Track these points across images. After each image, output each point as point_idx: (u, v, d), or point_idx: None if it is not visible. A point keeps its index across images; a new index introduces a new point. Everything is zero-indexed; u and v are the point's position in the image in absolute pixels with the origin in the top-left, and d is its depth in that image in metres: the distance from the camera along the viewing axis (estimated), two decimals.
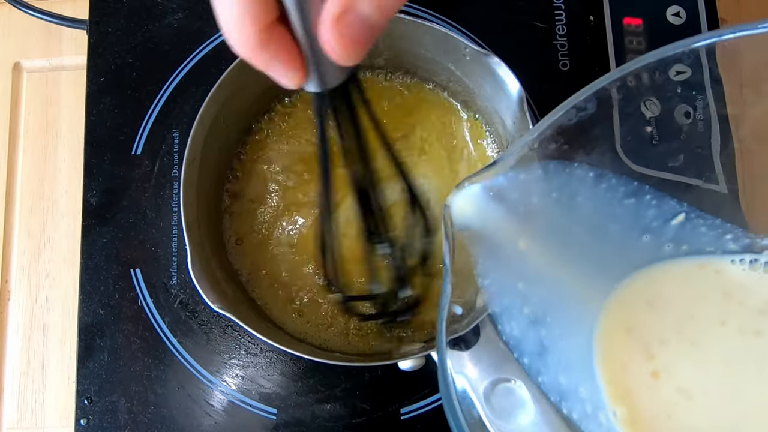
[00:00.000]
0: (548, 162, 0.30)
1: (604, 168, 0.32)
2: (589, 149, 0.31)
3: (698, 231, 0.34)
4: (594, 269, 0.34)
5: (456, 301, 0.29)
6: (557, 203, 0.32)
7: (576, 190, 0.32)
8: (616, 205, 0.32)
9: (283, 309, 0.48)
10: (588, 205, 0.32)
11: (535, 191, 0.31)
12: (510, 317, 0.31)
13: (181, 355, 0.48)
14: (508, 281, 0.31)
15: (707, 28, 0.51)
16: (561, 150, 0.30)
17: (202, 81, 0.52)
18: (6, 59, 0.58)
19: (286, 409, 0.47)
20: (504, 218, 0.31)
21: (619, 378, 0.32)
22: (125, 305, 0.49)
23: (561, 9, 0.53)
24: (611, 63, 0.51)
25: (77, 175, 0.52)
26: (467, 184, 0.30)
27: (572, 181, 0.31)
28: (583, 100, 0.29)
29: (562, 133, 0.30)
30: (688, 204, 0.33)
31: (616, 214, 0.33)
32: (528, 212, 0.31)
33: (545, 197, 0.31)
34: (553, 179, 0.31)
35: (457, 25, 0.53)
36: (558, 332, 0.32)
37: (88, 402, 0.48)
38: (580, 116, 0.30)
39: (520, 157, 0.30)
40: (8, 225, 0.55)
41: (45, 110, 0.57)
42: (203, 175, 0.44)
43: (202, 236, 0.44)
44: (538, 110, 0.51)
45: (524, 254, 0.31)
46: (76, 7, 0.56)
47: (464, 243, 0.30)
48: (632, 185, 0.32)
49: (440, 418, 0.47)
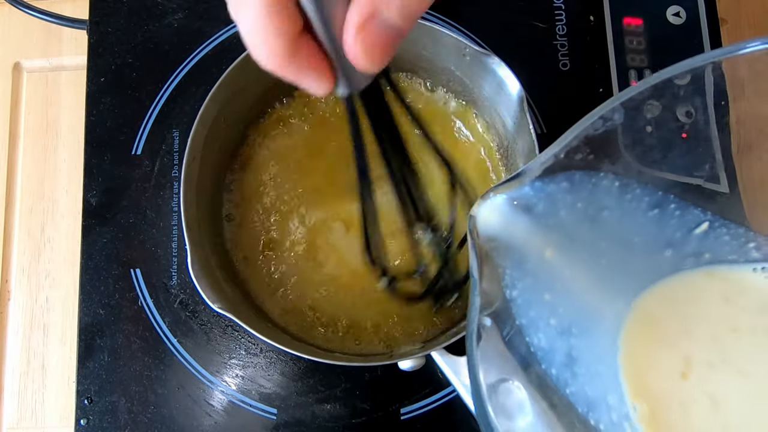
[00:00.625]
0: (574, 172, 0.30)
1: (630, 177, 0.31)
2: (615, 159, 0.31)
3: (721, 240, 0.34)
4: (620, 278, 0.34)
5: (485, 314, 0.29)
6: (583, 213, 0.32)
7: (601, 200, 0.32)
8: (640, 215, 0.32)
9: (283, 309, 0.48)
10: (613, 215, 0.32)
11: (561, 202, 0.31)
12: (537, 329, 0.31)
13: (181, 355, 0.48)
14: (535, 292, 0.31)
15: (707, 29, 0.52)
16: (587, 160, 0.30)
17: (202, 81, 0.52)
18: (6, 59, 0.58)
19: (286, 409, 0.47)
20: (530, 229, 0.30)
21: (643, 374, 0.32)
22: (125, 305, 0.49)
23: (561, 9, 0.53)
24: (611, 63, 0.51)
25: (77, 175, 0.52)
26: (492, 194, 0.30)
27: (598, 192, 0.31)
28: (610, 110, 0.29)
29: (588, 143, 0.29)
30: (712, 213, 0.33)
31: (641, 224, 0.33)
32: (554, 222, 0.31)
33: (571, 208, 0.31)
34: (579, 190, 0.31)
35: (457, 25, 0.53)
36: (584, 342, 0.32)
37: (88, 402, 0.48)
38: (607, 126, 0.29)
39: (546, 168, 0.29)
40: (8, 225, 0.55)
41: (45, 110, 0.57)
42: (203, 175, 0.44)
43: (202, 236, 0.44)
44: (539, 110, 0.51)
45: (550, 265, 0.31)
46: (76, 7, 0.56)
47: (491, 254, 0.30)
48: (656, 195, 0.32)
49: (440, 418, 0.47)
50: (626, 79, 0.51)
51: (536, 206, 0.30)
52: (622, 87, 0.51)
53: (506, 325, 0.30)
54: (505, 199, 0.30)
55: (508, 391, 0.29)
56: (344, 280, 0.48)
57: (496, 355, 0.29)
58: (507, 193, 0.30)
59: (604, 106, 0.29)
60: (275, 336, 0.42)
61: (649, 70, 0.51)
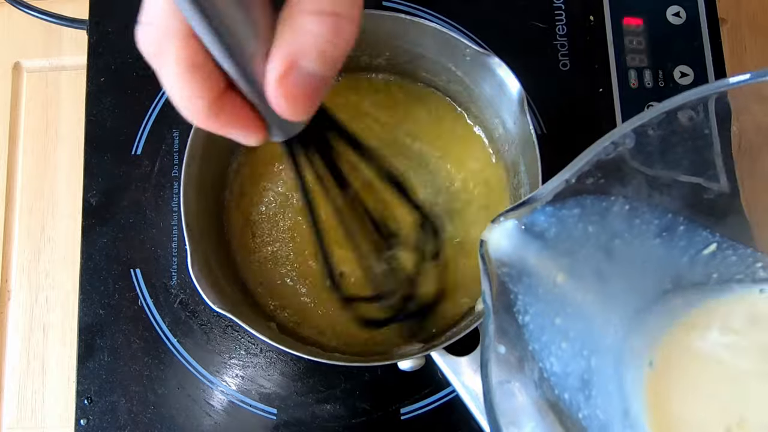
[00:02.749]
0: (585, 197, 0.30)
1: (640, 200, 0.32)
2: (626, 182, 0.31)
3: (728, 260, 0.34)
4: (629, 299, 0.34)
5: (499, 341, 0.28)
6: (594, 238, 0.32)
7: (612, 224, 0.32)
8: (650, 237, 0.33)
9: (284, 309, 0.48)
10: (623, 239, 0.32)
11: (572, 227, 0.31)
12: (549, 353, 0.31)
13: (181, 355, 0.48)
14: (546, 317, 0.31)
15: (707, 29, 0.52)
16: (598, 184, 0.30)
17: None
18: (6, 59, 0.58)
19: (286, 409, 0.47)
20: (541, 254, 0.30)
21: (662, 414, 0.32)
22: (125, 305, 0.49)
23: (561, 9, 0.53)
24: (611, 63, 0.51)
25: (77, 175, 0.52)
26: (503, 219, 0.30)
27: (608, 216, 0.31)
28: (621, 136, 0.29)
29: (600, 167, 0.29)
30: (720, 234, 0.33)
31: (650, 246, 0.33)
32: (565, 248, 0.31)
33: (582, 232, 0.31)
34: (590, 214, 0.31)
35: (457, 25, 0.53)
36: (595, 363, 0.32)
37: (88, 402, 0.48)
38: (618, 151, 0.29)
39: (557, 193, 0.29)
40: (8, 225, 0.55)
41: (45, 110, 0.57)
42: (203, 175, 0.44)
43: (202, 236, 0.44)
44: (539, 110, 0.51)
45: (561, 289, 0.31)
46: (76, 7, 0.56)
47: (503, 280, 0.30)
48: (666, 218, 0.32)
49: (440, 418, 0.47)
50: (626, 79, 0.51)
51: (548, 231, 0.30)
52: (622, 87, 0.51)
53: (519, 350, 0.30)
54: (516, 225, 0.30)
55: (523, 417, 0.29)
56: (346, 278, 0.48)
57: (511, 385, 0.29)
58: (518, 219, 0.30)
59: (616, 132, 0.29)
60: (275, 336, 0.42)
61: (649, 70, 0.51)
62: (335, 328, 0.47)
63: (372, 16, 0.44)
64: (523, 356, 0.30)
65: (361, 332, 0.47)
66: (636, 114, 0.49)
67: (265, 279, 0.48)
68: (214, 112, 0.24)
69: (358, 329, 0.46)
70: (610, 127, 0.50)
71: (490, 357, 0.28)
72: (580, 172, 0.29)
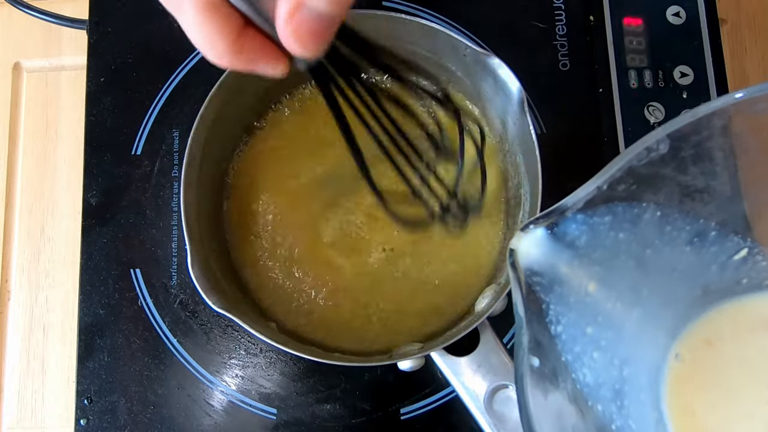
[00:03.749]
0: (617, 204, 0.30)
1: (671, 207, 0.31)
2: (657, 188, 0.31)
3: (759, 266, 0.34)
4: (661, 308, 0.34)
5: (533, 353, 0.27)
6: (625, 246, 0.31)
7: (643, 231, 0.31)
8: (682, 244, 0.32)
9: (284, 309, 0.48)
10: (655, 247, 0.32)
11: (604, 234, 0.30)
12: (582, 364, 0.30)
13: (181, 355, 0.48)
14: (578, 327, 0.31)
15: (707, 29, 0.51)
16: (630, 190, 0.29)
17: (202, 81, 0.52)
18: (6, 59, 0.58)
19: (286, 409, 0.47)
20: (573, 262, 0.30)
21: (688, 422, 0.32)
22: (125, 305, 0.49)
23: (561, 9, 0.53)
24: (611, 63, 0.51)
25: (77, 175, 0.52)
26: (533, 227, 0.29)
27: (640, 223, 0.31)
28: (655, 141, 0.28)
29: (631, 173, 0.29)
30: (752, 240, 0.33)
31: (682, 253, 0.33)
32: (597, 256, 0.31)
33: (614, 240, 0.31)
34: (621, 221, 0.30)
35: (457, 25, 0.53)
36: (627, 373, 0.32)
37: (88, 402, 0.48)
38: (651, 156, 0.29)
39: (588, 200, 0.29)
40: (8, 225, 0.55)
41: (45, 110, 0.57)
42: (203, 175, 0.44)
43: (202, 236, 0.44)
44: (539, 110, 0.51)
45: (594, 298, 0.31)
46: (76, 7, 0.56)
47: (534, 289, 0.29)
48: (697, 223, 0.32)
49: (440, 418, 0.47)
50: (626, 79, 0.51)
51: (579, 239, 0.30)
52: (622, 87, 0.51)
53: (552, 362, 0.29)
54: (547, 233, 0.29)
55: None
56: (345, 278, 0.48)
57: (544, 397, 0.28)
58: (548, 227, 0.29)
59: (650, 138, 0.28)
60: (275, 336, 0.42)
61: (649, 70, 0.51)
62: (335, 328, 0.47)
63: (372, 16, 0.44)
64: (557, 368, 0.29)
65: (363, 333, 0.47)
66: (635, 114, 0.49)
67: (265, 279, 0.48)
68: (237, 50, 0.25)
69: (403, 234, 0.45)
70: (610, 127, 0.50)
71: (525, 371, 0.26)
72: (612, 179, 0.28)
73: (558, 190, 0.30)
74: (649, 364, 0.34)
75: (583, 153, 0.50)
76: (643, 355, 0.33)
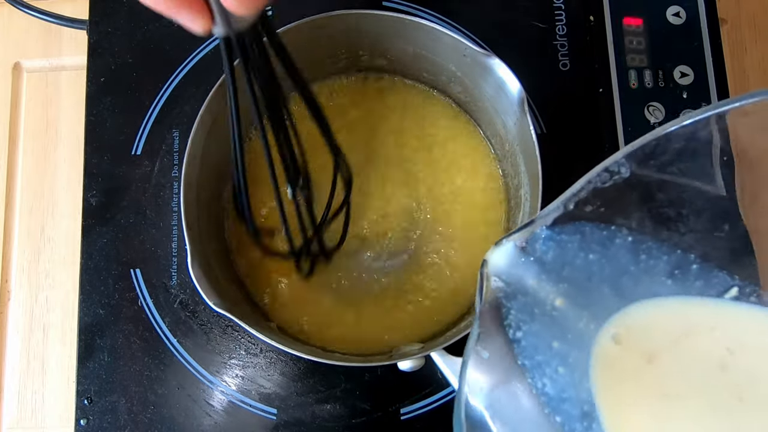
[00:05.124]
0: (584, 224, 0.30)
1: (644, 234, 0.31)
2: (627, 214, 0.30)
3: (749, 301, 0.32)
4: None
5: (483, 347, 0.30)
6: (597, 268, 0.31)
7: (617, 256, 0.31)
8: (661, 275, 0.31)
9: (283, 309, 0.48)
10: (632, 275, 0.31)
11: (572, 253, 0.31)
12: (543, 374, 0.31)
13: (181, 355, 0.48)
14: (542, 338, 0.31)
15: (707, 29, 0.51)
16: (598, 212, 0.30)
17: (202, 81, 0.52)
18: (6, 59, 0.58)
19: (286, 409, 0.47)
20: (539, 276, 0.30)
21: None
22: (125, 305, 0.49)
23: (561, 9, 0.53)
24: (611, 63, 0.51)
25: (77, 175, 0.52)
26: (504, 241, 0.30)
27: (611, 247, 0.31)
28: (615, 163, 0.29)
29: (598, 195, 0.29)
30: (740, 278, 0.31)
31: (663, 285, 0.31)
32: (564, 273, 0.31)
33: (583, 260, 0.31)
34: (591, 243, 0.30)
35: (457, 25, 0.53)
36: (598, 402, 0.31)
37: (88, 402, 0.48)
38: (615, 179, 0.29)
39: (556, 218, 0.29)
40: (8, 225, 0.55)
41: (45, 110, 0.57)
42: (203, 175, 0.44)
43: (202, 236, 0.44)
44: (539, 110, 0.51)
45: (561, 313, 0.31)
46: (76, 7, 0.56)
47: (497, 295, 0.30)
48: (675, 254, 0.31)
49: (440, 418, 0.47)
50: (626, 79, 0.51)
51: (546, 255, 0.30)
52: (622, 87, 0.51)
53: (507, 362, 0.30)
54: (515, 246, 0.30)
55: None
56: (346, 277, 0.48)
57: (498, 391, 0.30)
58: (516, 241, 0.30)
59: (609, 159, 0.29)
60: (275, 336, 0.42)
61: (649, 70, 0.51)
62: (336, 328, 0.47)
63: (372, 16, 0.44)
64: (511, 368, 0.31)
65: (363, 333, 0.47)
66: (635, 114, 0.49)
67: (265, 279, 0.48)
68: None
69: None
70: (610, 127, 0.50)
71: (469, 357, 0.29)
72: (578, 199, 0.29)
73: (558, 191, 0.30)
74: None
75: (583, 153, 0.50)
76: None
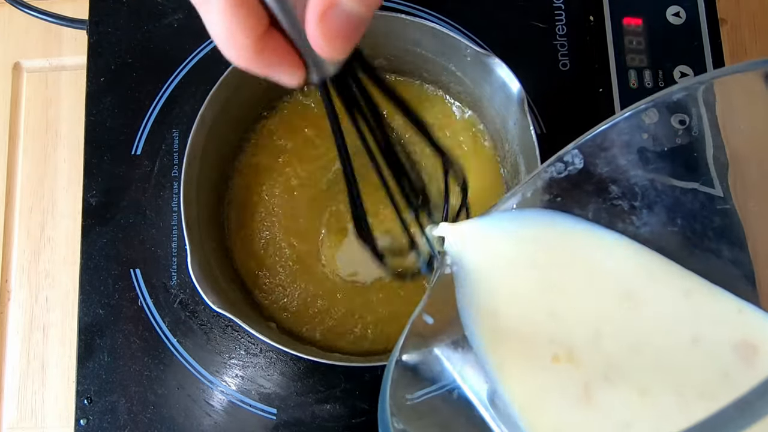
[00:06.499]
0: (543, 212, 0.30)
1: (601, 224, 0.31)
2: (583, 205, 0.30)
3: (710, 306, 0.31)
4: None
5: (428, 311, 0.30)
6: (550, 264, 0.31)
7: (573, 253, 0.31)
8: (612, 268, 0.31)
9: (284, 309, 0.48)
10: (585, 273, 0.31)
11: (528, 243, 0.31)
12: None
13: (181, 355, 0.48)
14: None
15: (707, 29, 0.51)
16: (556, 202, 0.30)
17: (202, 81, 0.52)
18: (6, 59, 0.58)
19: (286, 409, 0.47)
20: (487, 263, 0.30)
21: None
22: (125, 305, 0.49)
23: (561, 9, 0.53)
24: (611, 63, 0.51)
25: (77, 175, 0.52)
26: (462, 223, 0.31)
27: (567, 242, 0.30)
28: (569, 154, 0.29)
29: (554, 185, 0.30)
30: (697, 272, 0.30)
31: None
32: (517, 264, 0.31)
33: (538, 252, 0.31)
34: (548, 235, 0.30)
35: (457, 25, 0.53)
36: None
37: (88, 402, 0.48)
38: (570, 170, 0.30)
39: (516, 204, 0.30)
40: (8, 225, 0.55)
41: (45, 110, 0.57)
42: (203, 175, 0.44)
43: (202, 236, 0.44)
44: (539, 110, 0.51)
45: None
46: (76, 7, 0.56)
47: (452, 269, 0.31)
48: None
49: None
50: (626, 79, 0.51)
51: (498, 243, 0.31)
52: (622, 87, 0.51)
53: (453, 332, 0.31)
54: (471, 230, 0.31)
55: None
56: (345, 278, 0.48)
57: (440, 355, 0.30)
58: (474, 225, 0.31)
59: (563, 151, 0.29)
60: (275, 336, 0.42)
61: (649, 70, 0.51)
62: (335, 328, 0.47)
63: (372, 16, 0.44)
64: (459, 341, 0.31)
65: (363, 333, 0.47)
66: None
67: (264, 279, 0.48)
68: (258, 50, 0.24)
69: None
70: None
71: (411, 320, 0.29)
72: (534, 187, 0.30)
73: None
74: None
75: None
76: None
